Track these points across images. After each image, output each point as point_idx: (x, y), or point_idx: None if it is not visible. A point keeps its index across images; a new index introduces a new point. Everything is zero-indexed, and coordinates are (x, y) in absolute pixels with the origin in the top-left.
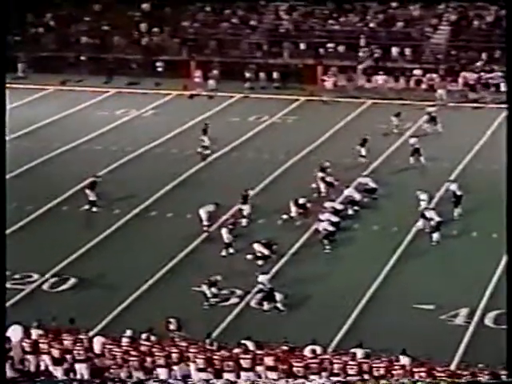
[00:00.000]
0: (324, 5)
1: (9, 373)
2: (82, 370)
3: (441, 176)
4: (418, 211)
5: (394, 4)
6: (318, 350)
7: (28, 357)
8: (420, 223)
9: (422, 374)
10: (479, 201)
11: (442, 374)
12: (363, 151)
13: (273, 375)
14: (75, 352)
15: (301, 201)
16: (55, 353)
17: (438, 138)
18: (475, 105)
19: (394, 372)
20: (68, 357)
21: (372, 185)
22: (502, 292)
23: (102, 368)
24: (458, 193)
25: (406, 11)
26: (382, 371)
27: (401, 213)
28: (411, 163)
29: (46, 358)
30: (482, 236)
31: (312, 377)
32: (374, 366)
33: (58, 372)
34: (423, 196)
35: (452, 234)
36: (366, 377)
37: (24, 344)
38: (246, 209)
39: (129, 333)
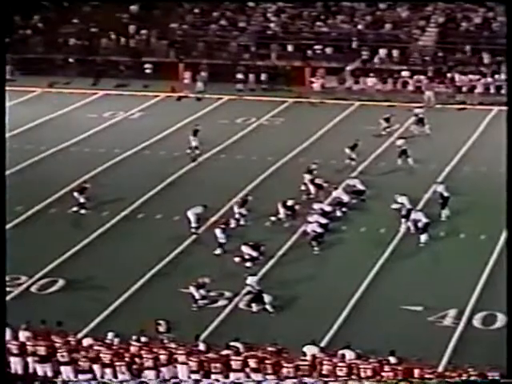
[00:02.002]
0: (312, 7)
1: None
2: (67, 372)
3: (428, 178)
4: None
5: (381, 6)
6: (313, 351)
7: (14, 359)
8: (403, 226)
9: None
10: (467, 202)
11: (431, 376)
12: (353, 155)
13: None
14: (61, 354)
15: (289, 203)
16: (42, 353)
17: (426, 139)
18: (462, 106)
19: (382, 373)
20: (54, 358)
21: (360, 187)
22: (490, 293)
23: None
24: (445, 194)
25: (394, 13)
26: (369, 373)
27: (388, 214)
28: (399, 164)
29: (32, 359)
30: (470, 237)
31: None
32: (362, 367)
33: (45, 371)
34: (401, 199)
35: (440, 235)
36: (354, 377)
37: (10, 346)
38: (243, 212)
39: (110, 335)
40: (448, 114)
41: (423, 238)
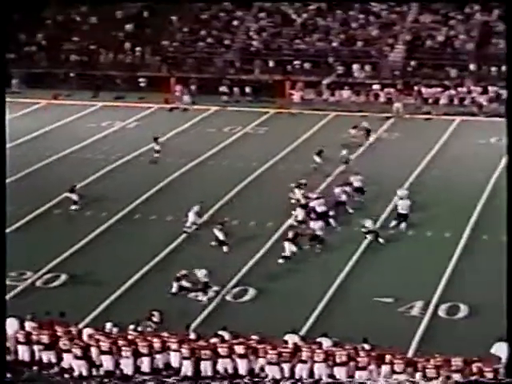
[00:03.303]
0: (291, 26)
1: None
2: (68, 359)
3: (398, 180)
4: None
5: (354, 25)
6: (293, 339)
7: (21, 347)
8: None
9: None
10: (433, 203)
11: (400, 360)
12: (318, 159)
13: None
14: (63, 342)
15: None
16: (46, 341)
17: (397, 145)
18: (428, 116)
19: (357, 359)
20: (57, 346)
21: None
22: (454, 286)
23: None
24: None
25: (365, 31)
26: (344, 358)
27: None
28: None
29: (37, 347)
30: (436, 235)
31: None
32: (338, 353)
33: (49, 358)
34: (368, 223)
35: (408, 233)
36: (330, 363)
37: (18, 335)
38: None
39: (109, 325)
40: (416, 123)
41: (403, 226)
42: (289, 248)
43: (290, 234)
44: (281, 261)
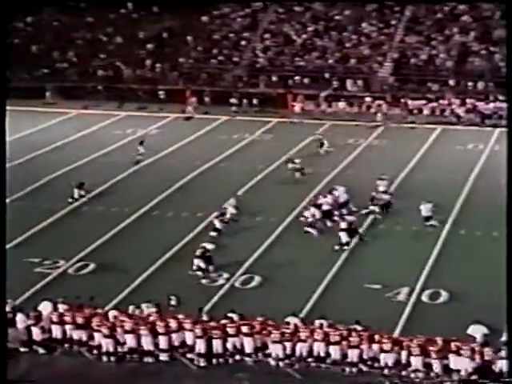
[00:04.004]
0: (292, 45)
1: (38, 337)
2: (99, 338)
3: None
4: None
5: (347, 45)
6: (294, 320)
7: (55, 326)
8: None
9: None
10: (418, 200)
11: (386, 340)
12: (296, 165)
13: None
14: (95, 323)
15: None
16: (77, 322)
17: (382, 151)
18: (413, 125)
19: (349, 339)
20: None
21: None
22: (435, 274)
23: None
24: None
25: (358, 50)
26: (338, 338)
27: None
28: (296, 177)
29: (69, 327)
30: (420, 229)
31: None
32: (332, 333)
33: (80, 336)
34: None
35: (396, 228)
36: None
37: (52, 316)
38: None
39: (131, 308)
40: (402, 131)
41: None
42: (344, 237)
43: (344, 225)
44: (337, 247)
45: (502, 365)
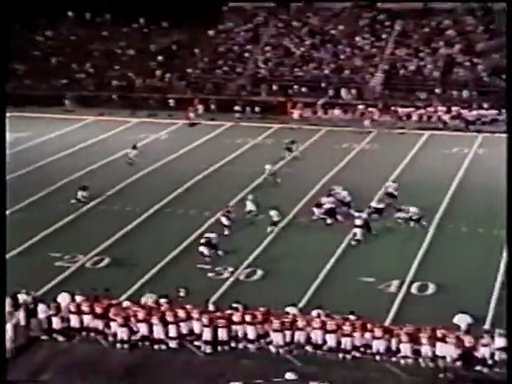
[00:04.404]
0: (291, 57)
1: (58, 326)
2: (114, 327)
3: (381, 181)
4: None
5: (342, 56)
6: (293, 310)
7: (73, 316)
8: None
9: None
10: (409, 198)
11: (378, 328)
12: (271, 170)
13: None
14: (112, 313)
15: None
16: (93, 312)
17: (374, 155)
18: (402, 131)
19: (343, 327)
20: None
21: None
22: (423, 268)
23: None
24: (395, 192)
25: (351, 62)
26: (334, 327)
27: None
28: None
29: (86, 316)
30: (410, 226)
31: (286, 331)
32: (329, 323)
33: (96, 325)
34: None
35: (387, 226)
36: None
37: (70, 306)
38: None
39: (146, 298)
40: (392, 136)
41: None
42: (360, 233)
43: (358, 222)
44: (354, 243)
45: (484, 351)
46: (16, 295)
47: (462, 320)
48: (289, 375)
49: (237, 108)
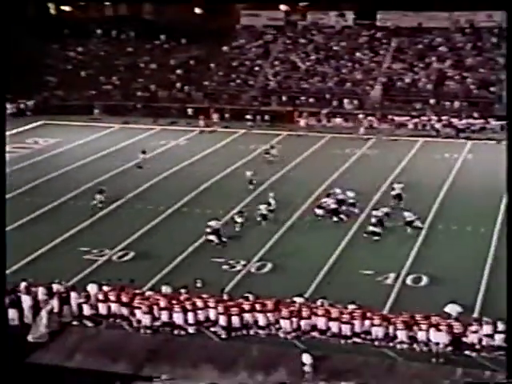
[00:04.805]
0: (297, 71)
1: (87, 312)
2: (140, 315)
3: (379, 184)
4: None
5: (344, 70)
6: (300, 300)
7: (100, 304)
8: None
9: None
10: (403, 201)
11: (376, 316)
12: (252, 176)
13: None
14: (137, 302)
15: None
16: (120, 300)
17: (373, 159)
18: (399, 138)
19: (344, 315)
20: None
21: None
22: (418, 262)
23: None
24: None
25: (352, 75)
26: (337, 314)
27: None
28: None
29: (114, 304)
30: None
31: (293, 319)
32: (332, 311)
33: (122, 312)
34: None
35: (385, 224)
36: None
37: (98, 295)
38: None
39: (164, 289)
40: (390, 143)
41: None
42: (377, 230)
43: (374, 220)
44: (375, 238)
45: (473, 338)
46: (50, 285)
47: (452, 309)
48: (305, 357)
49: (249, 117)
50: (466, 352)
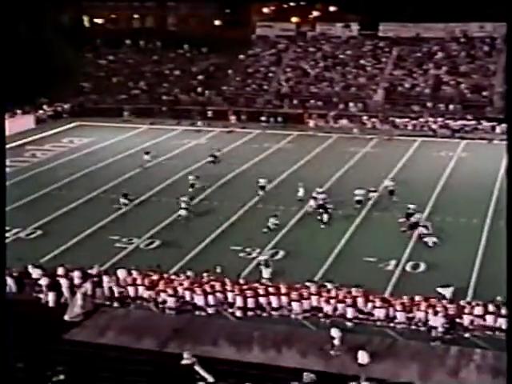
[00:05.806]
0: (307, 77)
1: (117, 295)
2: (165, 297)
3: (379, 180)
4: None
5: (349, 76)
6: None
7: (129, 287)
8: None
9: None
10: (403, 195)
11: (378, 299)
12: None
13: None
14: (162, 285)
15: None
16: (147, 284)
17: (376, 157)
18: (399, 137)
19: (348, 298)
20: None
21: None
22: (416, 250)
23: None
24: (392, 188)
25: (357, 81)
26: (341, 297)
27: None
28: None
29: (141, 288)
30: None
31: (303, 301)
32: (338, 293)
33: (149, 294)
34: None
35: (386, 216)
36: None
37: (127, 279)
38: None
39: (189, 273)
40: (391, 142)
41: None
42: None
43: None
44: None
45: (466, 319)
46: (84, 270)
47: (446, 291)
48: (334, 331)
49: (263, 118)
50: (459, 332)
